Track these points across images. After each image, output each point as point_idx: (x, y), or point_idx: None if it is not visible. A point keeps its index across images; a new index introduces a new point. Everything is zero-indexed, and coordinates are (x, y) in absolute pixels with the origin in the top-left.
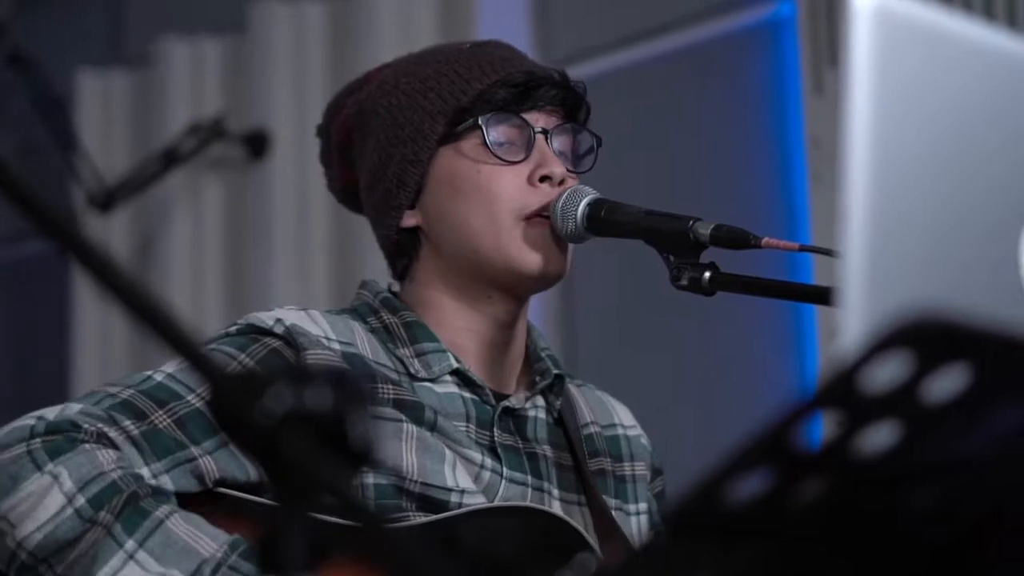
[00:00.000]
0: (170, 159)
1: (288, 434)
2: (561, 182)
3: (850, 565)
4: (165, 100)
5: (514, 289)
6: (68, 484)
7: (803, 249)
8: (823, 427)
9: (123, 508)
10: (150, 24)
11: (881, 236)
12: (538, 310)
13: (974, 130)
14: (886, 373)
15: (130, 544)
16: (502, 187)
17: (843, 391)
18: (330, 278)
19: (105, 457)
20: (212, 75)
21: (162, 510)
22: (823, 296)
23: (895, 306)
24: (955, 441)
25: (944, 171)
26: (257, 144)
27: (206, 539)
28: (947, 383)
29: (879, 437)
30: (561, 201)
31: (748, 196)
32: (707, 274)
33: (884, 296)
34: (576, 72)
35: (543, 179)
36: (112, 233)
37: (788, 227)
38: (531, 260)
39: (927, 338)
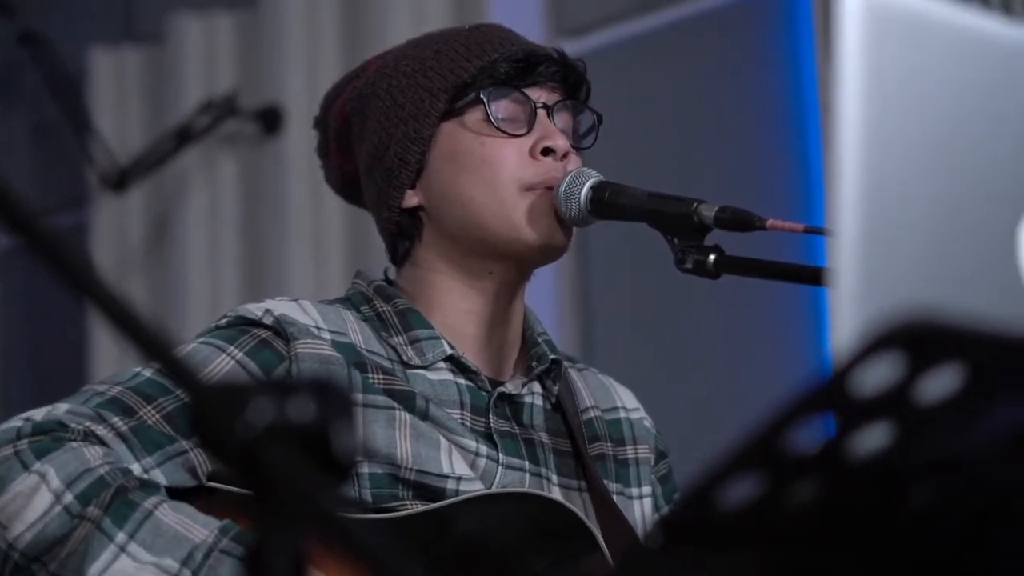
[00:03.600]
0: (183, 136)
1: (270, 447)
2: (564, 156)
3: (847, 566)
4: (178, 77)
5: (517, 262)
6: (55, 482)
7: (808, 231)
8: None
9: (111, 501)
10: (162, 1)
11: (874, 230)
12: (553, 295)
13: (968, 120)
14: (878, 375)
15: (120, 537)
16: (505, 158)
17: (835, 393)
18: (346, 253)
19: (92, 453)
20: (225, 51)
21: (150, 501)
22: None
23: (889, 303)
24: (950, 440)
25: (938, 162)
26: (270, 120)
27: (196, 526)
28: (940, 383)
29: (873, 438)
30: (564, 184)
31: (762, 162)
32: (712, 257)
33: (878, 292)
34: (588, 41)
35: (545, 152)
36: (127, 213)
37: (803, 193)
38: (535, 232)
39: (918, 340)
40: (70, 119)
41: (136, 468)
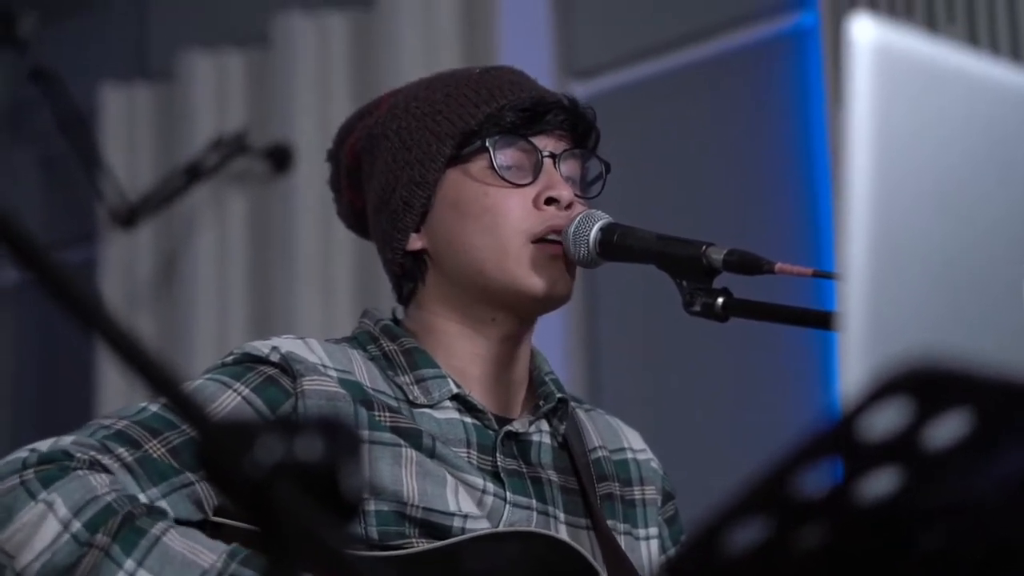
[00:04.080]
0: (193, 174)
1: (278, 485)
2: (569, 206)
3: None
4: (188, 114)
5: (518, 310)
6: (63, 511)
7: (816, 275)
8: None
9: (119, 528)
10: (173, 38)
11: (882, 275)
12: (561, 337)
13: (977, 165)
14: (886, 419)
15: (129, 564)
16: (508, 209)
17: (842, 438)
18: (354, 291)
19: (98, 481)
20: (235, 89)
21: (158, 527)
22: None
23: (897, 348)
24: (958, 485)
25: (947, 207)
26: (280, 158)
27: (204, 551)
28: (948, 428)
29: (880, 483)
30: (573, 226)
31: (771, 205)
32: (720, 300)
33: (886, 337)
34: (598, 84)
35: (549, 201)
36: (136, 249)
37: (812, 237)
38: (536, 282)
39: (926, 385)
40: (80, 155)
41: (142, 498)
